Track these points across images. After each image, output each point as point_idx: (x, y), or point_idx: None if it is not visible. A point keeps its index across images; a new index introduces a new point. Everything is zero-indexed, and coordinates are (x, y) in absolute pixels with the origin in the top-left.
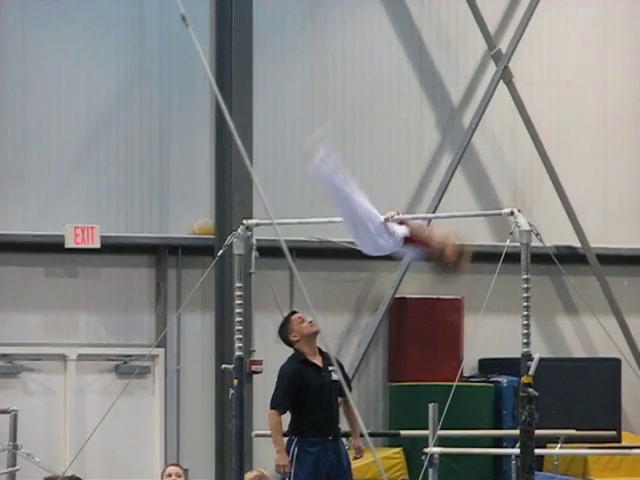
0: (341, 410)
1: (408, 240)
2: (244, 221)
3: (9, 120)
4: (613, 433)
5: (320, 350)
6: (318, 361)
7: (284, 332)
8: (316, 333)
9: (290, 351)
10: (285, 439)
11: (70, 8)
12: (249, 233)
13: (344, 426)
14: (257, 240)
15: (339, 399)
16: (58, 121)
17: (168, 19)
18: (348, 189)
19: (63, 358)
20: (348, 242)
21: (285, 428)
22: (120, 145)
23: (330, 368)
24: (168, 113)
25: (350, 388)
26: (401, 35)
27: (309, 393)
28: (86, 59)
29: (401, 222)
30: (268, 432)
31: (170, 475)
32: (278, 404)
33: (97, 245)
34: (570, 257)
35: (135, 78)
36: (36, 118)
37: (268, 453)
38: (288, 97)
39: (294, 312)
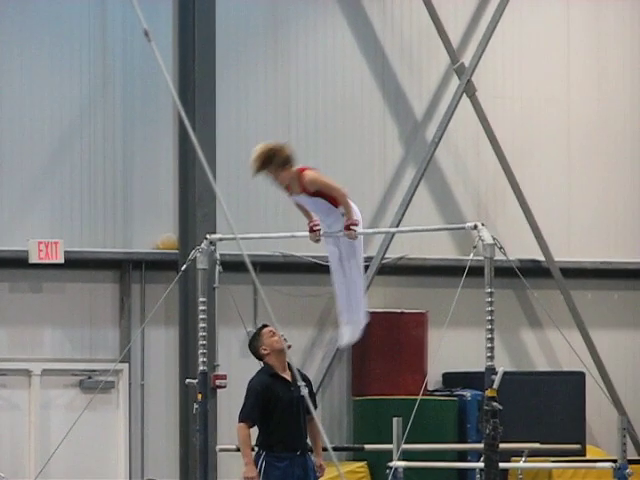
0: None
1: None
2: (207, 236)
3: None
4: (577, 446)
5: (289, 365)
6: (287, 376)
7: (254, 345)
8: (282, 352)
9: (256, 366)
10: (253, 453)
11: (33, 23)
12: (212, 248)
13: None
14: (221, 255)
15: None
16: (21, 136)
17: (131, 34)
18: None
19: (27, 373)
20: (311, 256)
21: (253, 442)
22: (84, 160)
23: (299, 383)
24: (131, 128)
25: (315, 406)
26: (364, 48)
27: (277, 407)
28: (49, 74)
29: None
30: (233, 446)
31: None
32: (247, 417)
33: (61, 260)
34: (534, 271)
35: (98, 93)
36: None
37: (233, 467)
38: (251, 111)
39: (265, 325)
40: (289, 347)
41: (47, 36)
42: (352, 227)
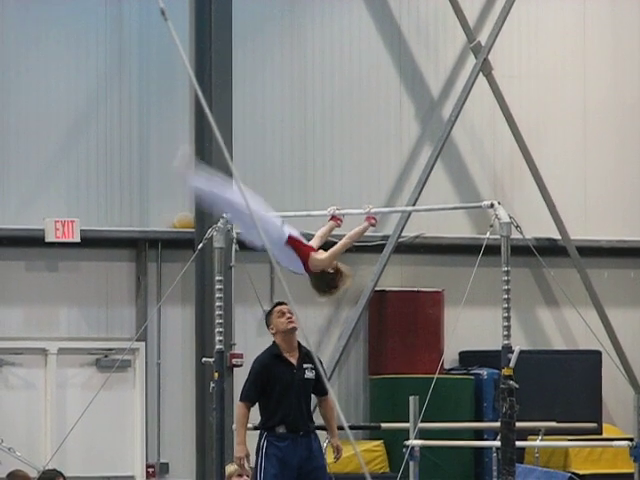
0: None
1: (292, 242)
2: (224, 214)
3: None
4: (594, 425)
5: (300, 346)
6: (293, 357)
7: (266, 322)
8: (292, 330)
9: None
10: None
11: (49, 5)
12: (229, 226)
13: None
14: (237, 233)
15: (316, 397)
16: (37, 116)
17: (147, 13)
18: (219, 191)
19: (44, 352)
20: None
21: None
22: (100, 139)
23: (305, 366)
24: (148, 107)
25: (326, 390)
26: (380, 28)
27: (276, 388)
28: (66, 54)
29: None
30: (248, 425)
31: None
32: (244, 396)
33: (77, 239)
34: (550, 249)
35: (114, 71)
36: (15, 113)
37: (249, 446)
38: (267, 91)
39: (279, 303)
40: (293, 329)
41: (63, 16)
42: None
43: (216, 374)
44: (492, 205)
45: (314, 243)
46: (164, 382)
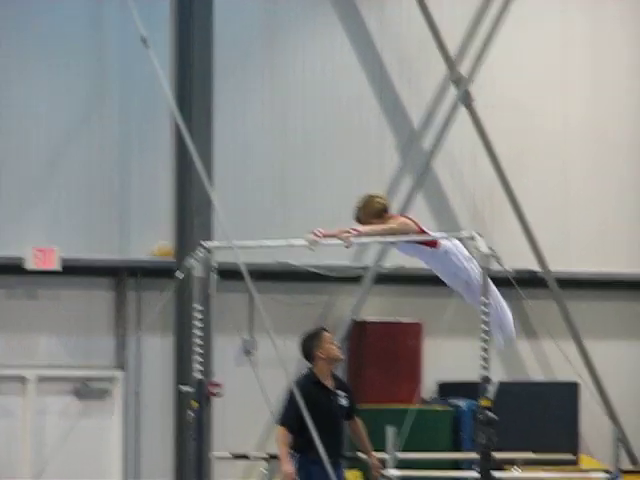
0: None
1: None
2: (203, 243)
3: None
4: (571, 456)
5: (333, 374)
6: (330, 384)
7: (309, 345)
8: (340, 360)
9: (250, 375)
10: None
11: (30, 32)
12: (209, 255)
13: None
14: (217, 263)
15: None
16: (19, 143)
17: (128, 41)
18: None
19: (22, 380)
20: (308, 265)
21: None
22: (81, 167)
23: (339, 392)
24: (128, 135)
25: (357, 412)
26: (362, 58)
27: (317, 415)
28: (46, 83)
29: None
30: (227, 454)
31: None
32: (287, 422)
33: (57, 267)
34: (530, 281)
35: (96, 99)
36: None
37: (227, 475)
38: (248, 120)
39: (325, 329)
40: (341, 360)
41: (44, 45)
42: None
43: (195, 403)
44: (472, 237)
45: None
46: (142, 411)
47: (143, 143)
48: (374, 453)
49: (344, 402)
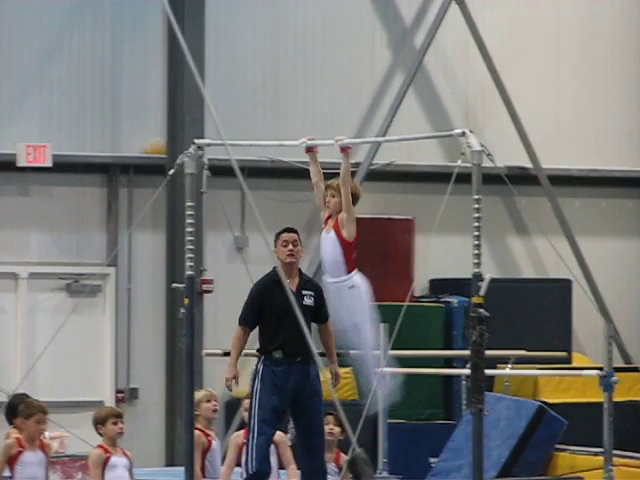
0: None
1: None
2: (195, 140)
3: None
4: (564, 354)
5: (301, 273)
6: (292, 284)
7: (274, 246)
8: (290, 264)
9: (242, 272)
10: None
11: None
12: (201, 152)
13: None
14: (209, 160)
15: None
16: (10, 41)
17: None
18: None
19: (14, 276)
20: (299, 162)
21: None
22: (72, 64)
23: (304, 292)
24: (120, 31)
25: (326, 315)
26: None
27: (274, 313)
28: None
29: None
30: (219, 351)
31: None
32: (242, 320)
33: (49, 164)
34: (522, 178)
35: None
36: None
37: (218, 372)
38: (240, 18)
39: (287, 230)
40: (290, 263)
41: None
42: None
43: (186, 300)
44: (464, 133)
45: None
46: (134, 307)
47: (135, 39)
48: (336, 364)
49: (308, 301)
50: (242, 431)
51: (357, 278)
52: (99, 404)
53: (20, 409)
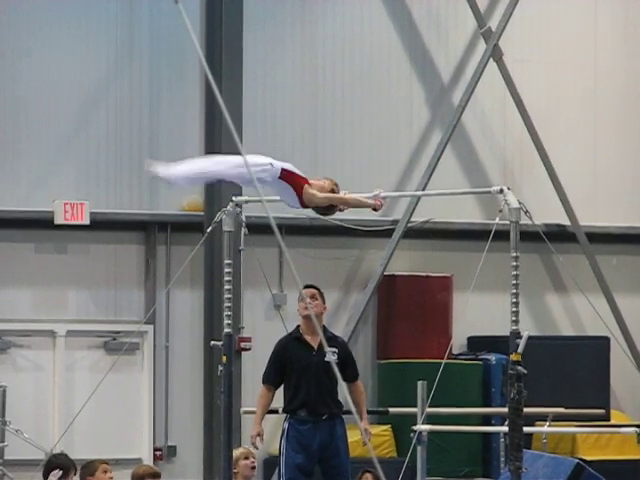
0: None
1: (286, 175)
2: (233, 198)
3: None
4: (602, 411)
5: (325, 330)
6: (314, 341)
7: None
8: (306, 317)
9: (280, 329)
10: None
11: None
12: (238, 210)
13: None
14: (246, 217)
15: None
16: (48, 98)
17: None
18: (195, 169)
19: (52, 334)
20: (337, 220)
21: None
22: (110, 121)
23: (327, 349)
24: (158, 88)
25: (355, 372)
26: (391, 12)
27: (294, 370)
28: (77, 36)
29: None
30: (256, 409)
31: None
32: (264, 378)
33: (86, 221)
34: (559, 235)
35: (125, 53)
36: (26, 95)
37: None
38: (278, 73)
39: (306, 286)
40: (306, 316)
41: None
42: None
43: (224, 357)
44: (501, 190)
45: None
46: (172, 365)
47: (172, 96)
48: (366, 421)
49: (331, 358)
50: None
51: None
52: (137, 462)
53: (81, 471)
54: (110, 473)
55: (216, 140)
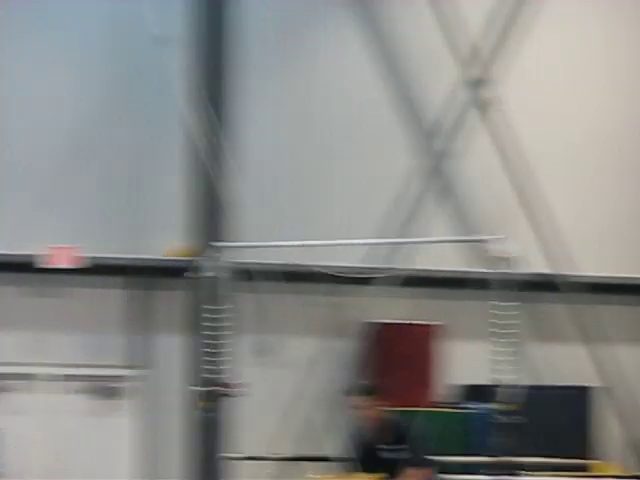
0: None
1: None
2: (214, 244)
3: None
4: (582, 461)
5: (392, 426)
6: (375, 437)
7: None
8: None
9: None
10: None
11: (47, 33)
12: (220, 255)
13: None
14: (231, 262)
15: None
16: (34, 142)
17: (141, 39)
18: None
19: (33, 378)
20: (321, 266)
21: None
22: (94, 167)
23: (387, 447)
24: (142, 137)
25: (413, 461)
26: (378, 60)
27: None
28: (61, 81)
29: None
30: (238, 454)
31: None
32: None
33: (70, 265)
34: (542, 284)
35: (110, 102)
36: (13, 138)
37: (237, 476)
38: (266, 121)
39: (359, 391)
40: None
41: (63, 41)
42: None
43: (205, 403)
44: (487, 240)
45: None
46: (155, 409)
47: (156, 144)
48: None
49: (390, 455)
50: None
51: None
52: None
53: None
54: None
55: (200, 185)
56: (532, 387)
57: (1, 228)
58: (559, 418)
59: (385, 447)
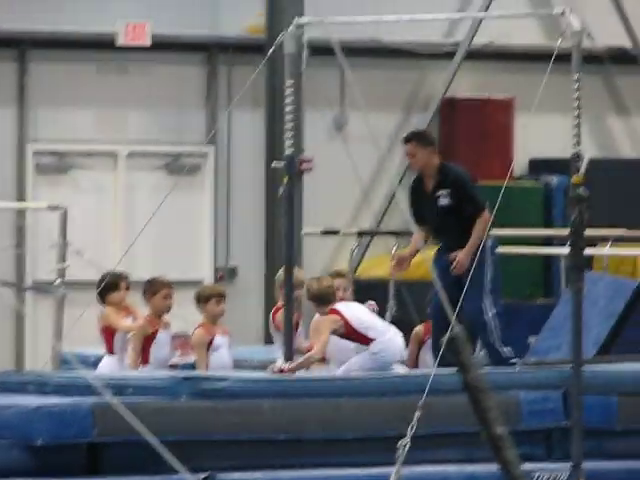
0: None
1: None
2: (295, 19)
3: None
4: None
5: (441, 169)
6: (429, 183)
7: None
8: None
9: (340, 150)
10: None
11: None
12: (301, 31)
13: None
14: (309, 39)
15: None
16: None
17: None
18: None
19: (114, 155)
20: (400, 42)
21: None
22: None
23: (438, 193)
24: None
25: (473, 207)
26: None
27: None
28: None
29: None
30: (317, 231)
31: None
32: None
33: (148, 42)
34: (622, 58)
35: None
36: None
37: (317, 251)
38: None
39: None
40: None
41: None
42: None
43: (286, 178)
44: (563, 12)
45: None
46: (233, 186)
47: None
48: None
49: (444, 201)
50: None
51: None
52: (199, 283)
53: (145, 287)
54: (170, 299)
55: None
56: (612, 160)
57: (80, 6)
58: None
59: (438, 193)
